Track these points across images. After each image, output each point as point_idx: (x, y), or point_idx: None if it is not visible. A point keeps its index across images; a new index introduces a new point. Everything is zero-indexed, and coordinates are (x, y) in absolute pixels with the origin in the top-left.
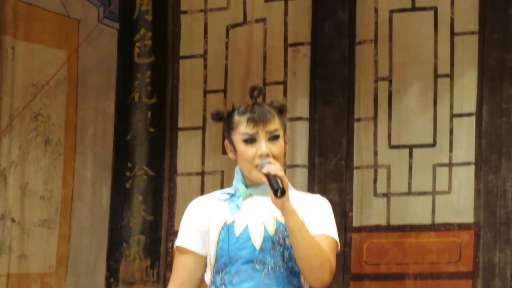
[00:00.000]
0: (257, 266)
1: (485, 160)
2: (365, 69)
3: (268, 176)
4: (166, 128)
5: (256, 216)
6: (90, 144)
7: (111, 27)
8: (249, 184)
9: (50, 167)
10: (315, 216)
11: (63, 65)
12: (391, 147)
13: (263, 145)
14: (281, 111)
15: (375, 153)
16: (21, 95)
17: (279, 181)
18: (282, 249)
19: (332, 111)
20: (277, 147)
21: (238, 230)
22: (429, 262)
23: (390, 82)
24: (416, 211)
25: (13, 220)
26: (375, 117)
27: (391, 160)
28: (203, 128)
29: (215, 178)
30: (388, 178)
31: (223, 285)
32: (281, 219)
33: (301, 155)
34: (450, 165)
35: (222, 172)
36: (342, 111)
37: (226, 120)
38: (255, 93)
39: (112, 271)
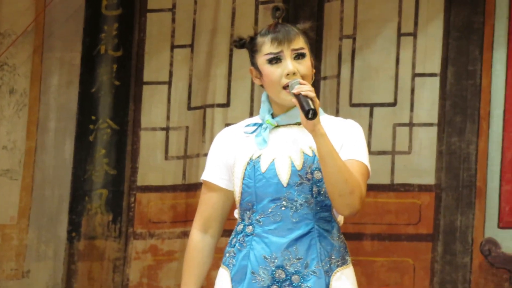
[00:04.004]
0: (285, 203)
1: (448, 122)
2: (332, 27)
3: (298, 96)
4: (131, 82)
5: (283, 149)
6: (55, 94)
7: None
8: (276, 111)
9: (14, 118)
10: (347, 140)
11: (36, 17)
12: (352, 105)
13: (289, 63)
14: (305, 33)
15: (337, 111)
16: None
17: (310, 102)
18: (311, 183)
19: None
20: (304, 65)
21: (264, 165)
22: (388, 223)
23: (354, 39)
24: (375, 171)
25: None
26: (338, 75)
27: (352, 118)
28: (169, 83)
29: (179, 134)
30: None
31: (250, 225)
32: (308, 151)
33: None
34: (410, 125)
35: (187, 128)
36: None
37: (248, 45)
38: (277, 13)
39: (74, 225)
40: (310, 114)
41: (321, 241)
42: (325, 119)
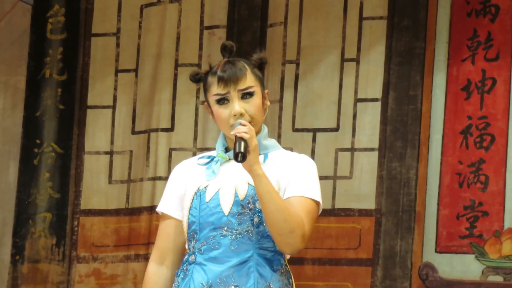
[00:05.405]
0: (225, 232)
1: (389, 147)
2: (275, 51)
3: (235, 138)
4: (76, 106)
5: (229, 180)
6: None
7: (25, 2)
8: (231, 145)
9: None
10: (296, 176)
11: None
12: (295, 130)
13: (236, 105)
14: (260, 65)
15: (279, 135)
16: None
17: (242, 145)
18: (252, 213)
19: None
20: (252, 104)
21: (209, 195)
22: (328, 247)
23: (297, 65)
24: None
25: None
26: (280, 100)
27: (294, 143)
28: (114, 107)
29: (123, 158)
30: None
31: (193, 254)
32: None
33: (212, 137)
34: (352, 150)
35: (131, 152)
36: None
37: (203, 80)
38: (226, 51)
39: (17, 248)
40: (239, 157)
41: (259, 270)
42: (280, 153)
